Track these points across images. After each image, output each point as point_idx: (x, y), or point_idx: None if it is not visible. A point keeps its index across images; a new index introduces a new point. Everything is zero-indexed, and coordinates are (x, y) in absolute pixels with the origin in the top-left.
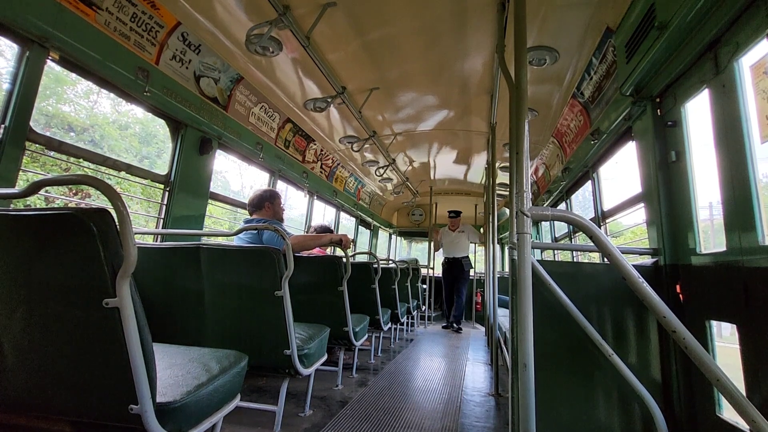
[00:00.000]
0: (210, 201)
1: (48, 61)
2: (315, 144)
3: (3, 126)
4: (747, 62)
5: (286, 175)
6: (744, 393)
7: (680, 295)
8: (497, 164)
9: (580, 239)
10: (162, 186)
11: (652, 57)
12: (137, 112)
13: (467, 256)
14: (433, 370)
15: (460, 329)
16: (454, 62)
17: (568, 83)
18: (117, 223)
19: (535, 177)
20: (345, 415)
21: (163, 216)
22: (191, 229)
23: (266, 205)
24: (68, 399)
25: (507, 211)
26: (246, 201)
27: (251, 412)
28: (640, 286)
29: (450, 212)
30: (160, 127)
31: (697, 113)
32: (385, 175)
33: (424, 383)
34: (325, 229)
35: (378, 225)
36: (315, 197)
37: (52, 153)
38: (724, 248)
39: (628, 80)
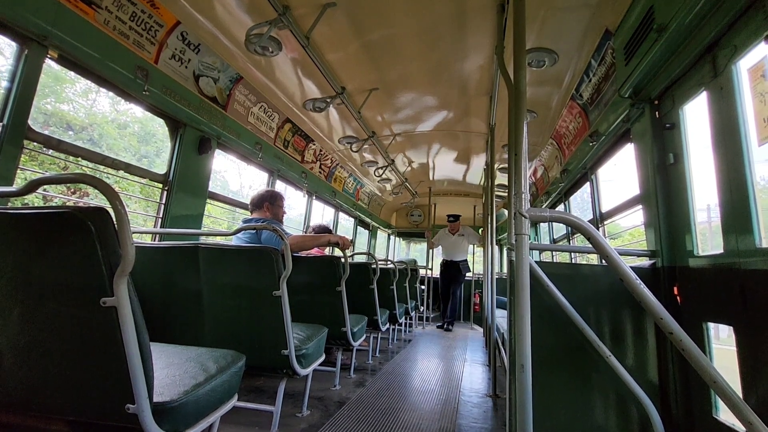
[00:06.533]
0: (208, 200)
1: (47, 59)
2: (314, 144)
3: (1, 124)
4: (745, 65)
5: (285, 175)
6: (740, 395)
7: (678, 297)
8: (496, 165)
9: (579, 241)
10: (160, 185)
11: (650, 59)
12: (136, 111)
13: (465, 260)
14: (430, 370)
15: (449, 329)
16: (454, 63)
17: (567, 85)
18: (115, 222)
19: (533, 178)
20: (342, 415)
21: (161, 215)
22: (190, 229)
23: (265, 205)
24: (65, 398)
25: (505, 212)
26: (245, 201)
27: (249, 412)
28: (638, 287)
29: (449, 216)
30: (159, 127)
31: (696, 116)
32: (384, 176)
33: (422, 384)
34: (323, 229)
35: (377, 225)
36: (314, 197)
37: (50, 151)
38: (721, 250)
39: (626, 82)
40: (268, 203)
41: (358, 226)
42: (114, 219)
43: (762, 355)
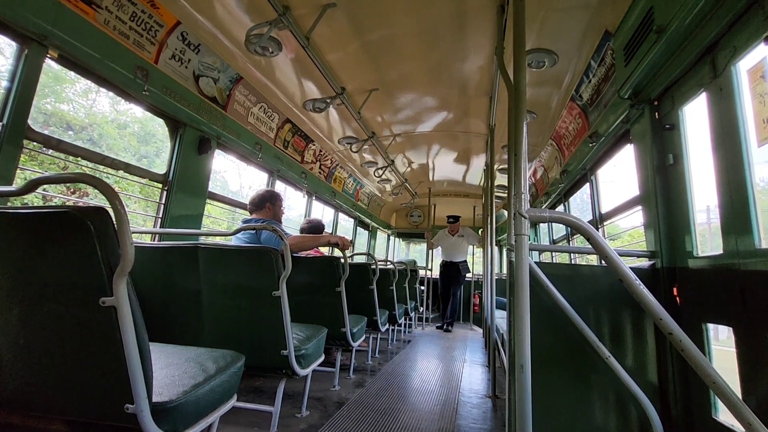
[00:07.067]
0: (208, 201)
1: (47, 59)
2: (314, 144)
3: (1, 124)
4: (744, 66)
5: (284, 175)
6: (740, 396)
7: (677, 298)
8: (496, 166)
9: (578, 241)
10: (160, 185)
11: (650, 60)
12: (136, 111)
13: (465, 261)
14: (430, 371)
15: (449, 330)
16: (454, 64)
17: (567, 86)
18: (114, 222)
19: (533, 179)
20: (342, 416)
21: (161, 215)
22: (189, 229)
23: (267, 206)
24: (64, 398)
25: (505, 213)
26: (244, 201)
27: (248, 413)
28: (637, 288)
29: (449, 218)
30: (159, 127)
31: (695, 116)
32: (383, 177)
33: (422, 385)
34: (317, 225)
35: (376, 226)
36: (314, 198)
37: (50, 151)
38: (720, 251)
39: (626, 83)
40: (270, 204)
41: (358, 227)
42: (114, 219)
43: (761, 356)
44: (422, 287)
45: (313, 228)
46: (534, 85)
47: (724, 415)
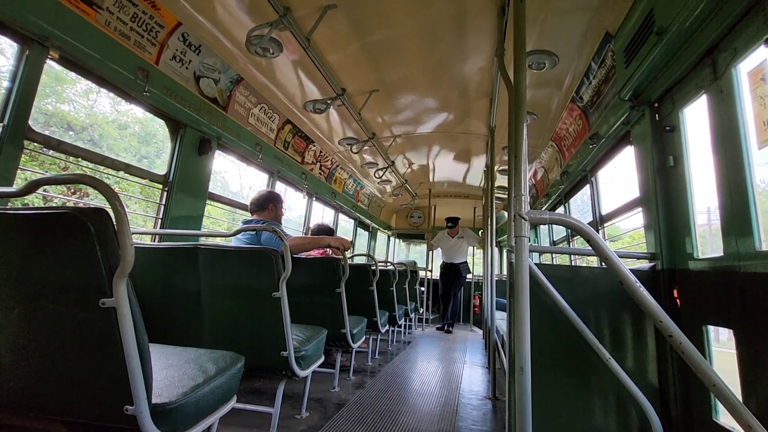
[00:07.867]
0: (208, 201)
1: (48, 60)
2: (314, 145)
3: (2, 124)
4: (745, 68)
5: (285, 176)
6: (740, 398)
7: (677, 300)
8: (496, 167)
9: (578, 243)
10: (160, 186)
11: (650, 62)
12: (137, 111)
13: (465, 262)
14: (430, 372)
15: (449, 331)
16: (454, 65)
17: (568, 87)
18: (114, 223)
19: (533, 180)
20: (341, 417)
21: (161, 216)
22: (189, 230)
23: (270, 207)
24: (63, 399)
25: (505, 214)
26: (244, 202)
27: (247, 414)
28: (637, 290)
29: (448, 221)
30: (159, 127)
31: (696, 118)
32: (384, 177)
33: (422, 386)
34: (324, 229)
35: (377, 227)
36: (314, 199)
37: (50, 152)
38: (721, 253)
39: (626, 85)
40: (273, 205)
41: (358, 228)
42: (114, 220)
43: (762, 358)
44: (422, 288)
45: (321, 232)
46: (534, 87)
47: (724, 417)
